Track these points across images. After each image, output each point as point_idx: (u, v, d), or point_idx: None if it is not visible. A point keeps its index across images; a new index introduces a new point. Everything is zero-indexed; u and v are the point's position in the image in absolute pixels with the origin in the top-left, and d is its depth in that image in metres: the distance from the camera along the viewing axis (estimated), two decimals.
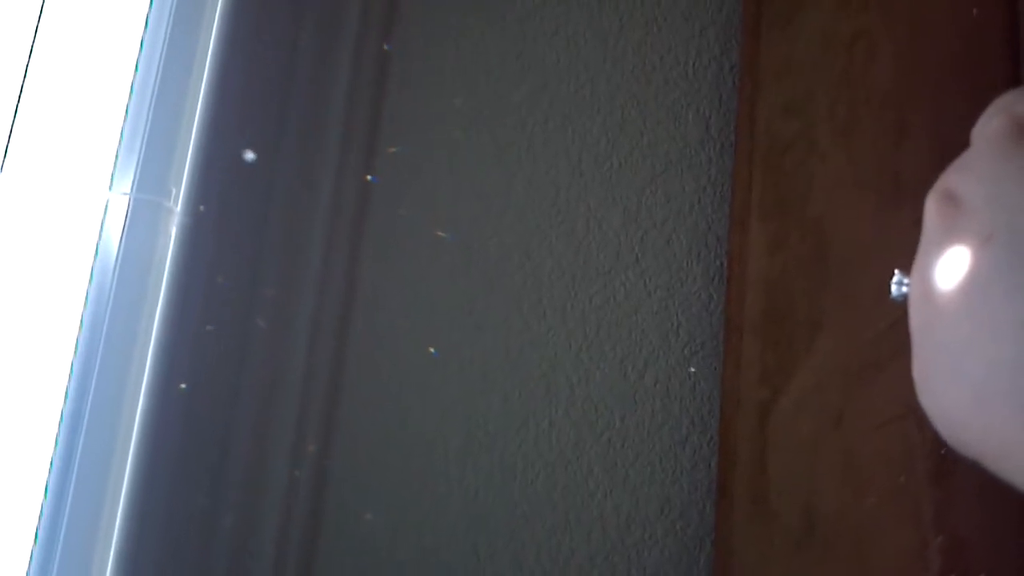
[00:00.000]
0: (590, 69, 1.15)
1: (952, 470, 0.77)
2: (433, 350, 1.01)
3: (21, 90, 0.98)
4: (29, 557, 0.86)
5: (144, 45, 1.00)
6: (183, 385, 0.91)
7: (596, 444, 1.05)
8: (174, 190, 0.96)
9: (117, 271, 0.93)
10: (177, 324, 0.92)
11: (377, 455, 0.98)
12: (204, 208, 0.94)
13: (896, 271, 0.38)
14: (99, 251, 0.94)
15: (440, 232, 1.05)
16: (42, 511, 0.87)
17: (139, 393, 0.90)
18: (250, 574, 0.91)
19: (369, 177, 1.03)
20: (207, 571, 0.89)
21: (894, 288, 0.38)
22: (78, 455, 0.88)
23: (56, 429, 0.89)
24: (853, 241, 0.94)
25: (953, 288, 0.32)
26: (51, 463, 0.88)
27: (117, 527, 0.87)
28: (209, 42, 0.99)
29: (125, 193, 0.96)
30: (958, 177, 0.34)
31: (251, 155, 0.95)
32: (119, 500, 0.88)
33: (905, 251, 0.36)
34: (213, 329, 0.93)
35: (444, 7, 1.12)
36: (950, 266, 0.33)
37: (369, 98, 1.05)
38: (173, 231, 0.95)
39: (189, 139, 0.97)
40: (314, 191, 1.00)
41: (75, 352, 0.91)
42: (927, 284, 0.34)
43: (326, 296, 0.99)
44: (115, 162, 0.97)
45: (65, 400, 0.90)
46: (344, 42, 1.04)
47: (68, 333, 0.92)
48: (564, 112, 1.13)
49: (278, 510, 0.92)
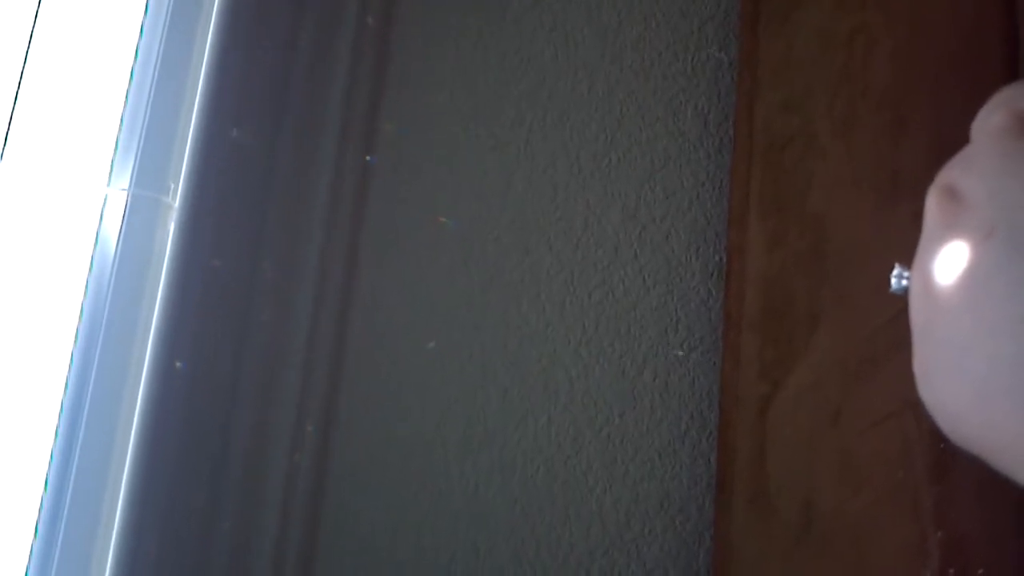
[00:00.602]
0: (588, 65, 1.15)
1: (951, 466, 0.77)
2: (432, 344, 1.01)
3: (19, 85, 0.98)
4: (29, 551, 0.86)
5: (142, 40, 1.00)
6: (182, 380, 0.91)
7: (595, 439, 1.05)
8: (172, 186, 0.96)
9: (115, 267, 0.93)
10: (175, 319, 0.92)
11: (376, 450, 0.98)
12: (202, 204, 0.94)
13: (896, 264, 0.38)
14: (97, 247, 0.94)
15: (438, 229, 1.05)
16: (42, 504, 0.87)
17: (138, 388, 0.90)
18: (250, 569, 0.91)
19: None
20: (206, 567, 0.89)
21: (894, 281, 0.38)
22: (78, 449, 0.88)
23: (55, 424, 0.89)
24: (852, 237, 0.94)
25: (954, 283, 0.32)
26: (51, 457, 0.88)
27: (117, 521, 0.87)
28: (207, 37, 0.99)
29: (123, 189, 0.96)
30: (959, 172, 0.34)
31: (247, 140, 0.95)
32: (119, 493, 0.88)
33: (904, 247, 0.36)
34: (211, 324, 0.93)
35: (443, 3, 1.12)
36: (951, 261, 0.33)
37: (367, 94, 1.05)
38: (171, 227, 0.95)
39: (187, 135, 0.97)
40: (312, 187, 1.00)
41: (74, 347, 0.91)
42: (928, 279, 0.34)
43: (325, 293, 0.99)
44: (113, 158, 0.97)
45: (64, 395, 0.90)
46: (343, 39, 1.04)
47: (67, 328, 0.92)
48: (562, 108, 1.13)
49: (277, 507, 0.93)
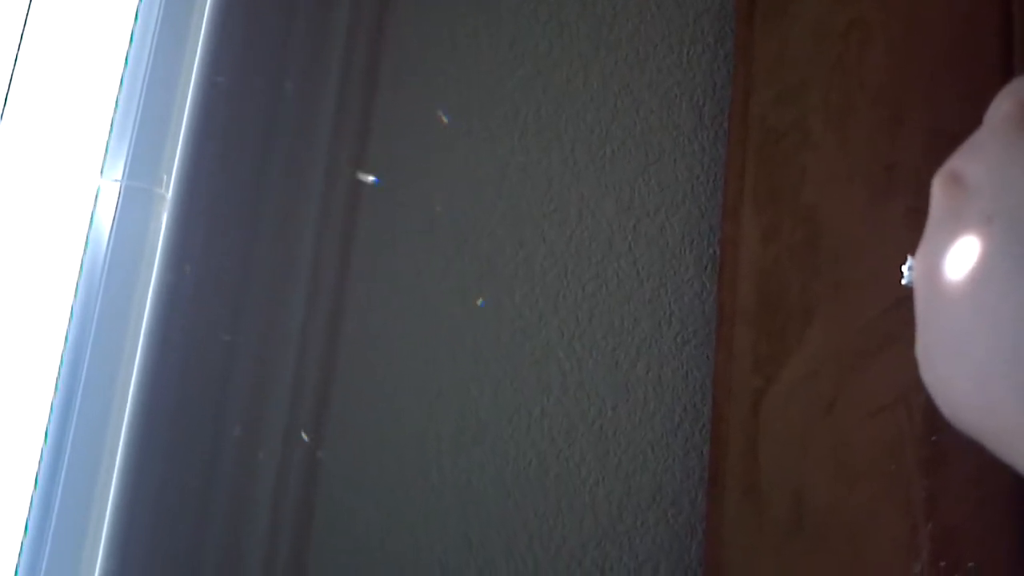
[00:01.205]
0: (583, 57, 1.15)
1: (942, 459, 0.77)
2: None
3: (12, 76, 0.97)
4: (19, 548, 0.86)
5: (135, 31, 0.99)
6: (174, 371, 0.91)
7: (588, 432, 1.05)
8: (165, 177, 0.96)
9: (108, 258, 0.93)
10: (168, 311, 0.91)
11: (368, 443, 0.98)
12: (195, 195, 0.94)
13: (909, 257, 0.38)
14: (90, 238, 0.94)
15: (432, 220, 1.05)
16: (32, 499, 0.87)
17: (130, 380, 0.90)
18: (242, 564, 0.91)
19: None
20: (198, 560, 0.89)
21: (906, 273, 0.38)
22: (69, 440, 0.88)
23: (46, 417, 0.89)
24: (846, 231, 0.94)
25: (955, 269, 0.32)
26: (41, 452, 0.88)
27: (107, 517, 0.87)
28: (201, 28, 0.99)
29: (116, 180, 0.96)
30: (965, 159, 0.34)
31: (240, 132, 0.95)
32: (109, 487, 0.87)
33: (898, 241, 0.36)
34: (204, 316, 0.93)
35: None
36: (952, 247, 0.33)
37: (362, 85, 1.05)
38: (164, 218, 0.94)
39: (180, 126, 0.97)
40: (306, 178, 1.00)
41: (66, 338, 0.91)
42: (930, 265, 0.34)
43: (318, 285, 0.99)
44: (106, 149, 0.97)
45: (55, 389, 0.90)
46: (337, 30, 1.04)
47: (59, 320, 0.92)
48: (557, 100, 1.13)
49: (269, 500, 0.92)
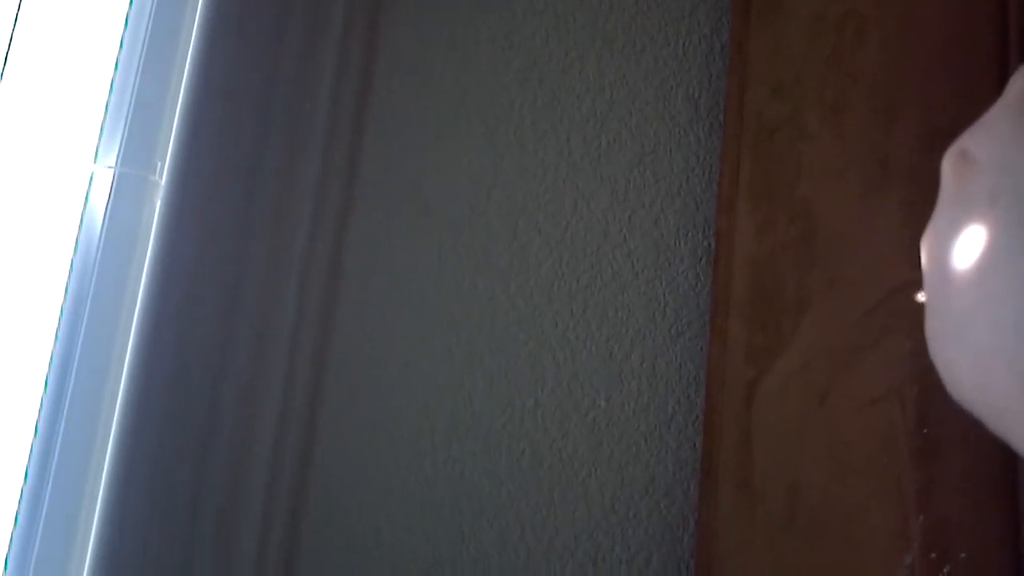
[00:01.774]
0: (579, 48, 1.14)
1: (934, 451, 0.77)
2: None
3: (5, 62, 0.97)
4: (9, 540, 0.86)
5: (130, 17, 0.99)
6: (167, 359, 0.90)
7: (581, 423, 1.05)
8: (159, 164, 0.96)
9: (101, 245, 0.93)
10: (161, 297, 0.91)
11: (362, 434, 0.98)
12: (189, 182, 0.94)
13: None
14: (83, 224, 0.94)
15: (426, 212, 1.05)
16: (24, 486, 0.87)
17: (123, 367, 0.90)
18: (234, 556, 0.91)
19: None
20: (191, 548, 0.88)
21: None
22: (61, 426, 0.88)
23: (39, 402, 0.89)
24: (840, 223, 0.94)
25: (960, 249, 0.32)
26: (34, 436, 0.88)
27: (99, 504, 0.86)
28: (196, 14, 0.98)
29: (110, 167, 0.95)
30: (975, 137, 0.34)
31: (234, 119, 0.94)
32: (102, 473, 0.87)
33: (891, 235, 0.36)
34: (197, 303, 0.92)
35: None
36: (957, 227, 0.33)
37: (357, 75, 1.04)
38: (157, 205, 0.94)
39: (174, 113, 0.96)
40: (300, 167, 0.99)
41: (59, 325, 0.91)
42: (937, 244, 0.34)
43: (312, 275, 0.98)
44: (100, 135, 0.96)
45: (48, 374, 0.90)
46: (332, 21, 1.03)
47: (52, 306, 0.91)
48: (552, 91, 1.12)
49: (262, 491, 0.92)
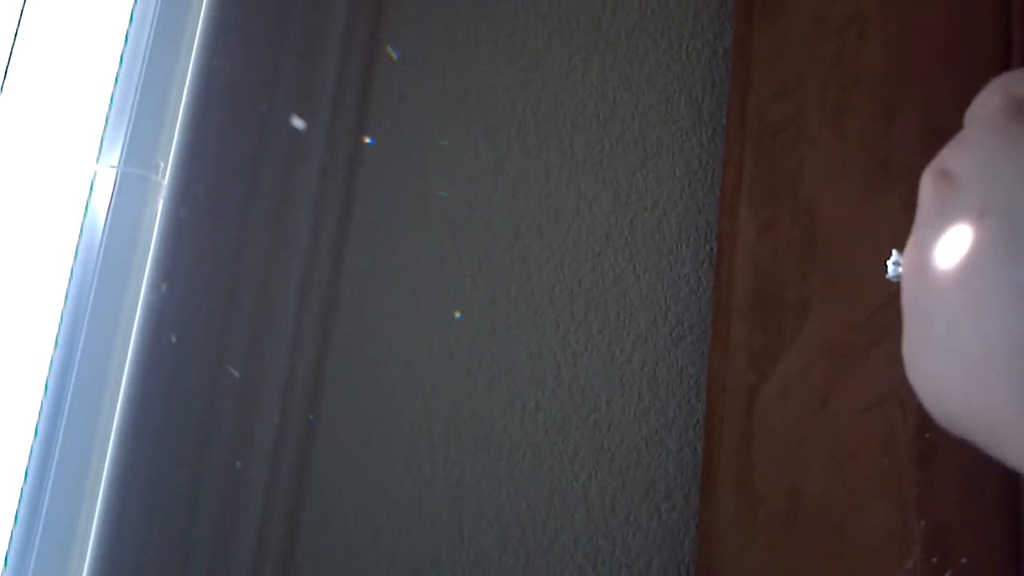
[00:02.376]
0: (583, 51, 1.15)
1: (935, 454, 0.77)
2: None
3: (9, 62, 0.97)
4: (9, 538, 0.86)
5: (133, 16, 0.99)
6: (168, 358, 0.90)
7: (582, 426, 1.05)
8: (161, 164, 0.96)
9: (103, 244, 0.93)
10: (162, 297, 0.91)
11: (361, 435, 0.98)
12: (191, 182, 0.94)
13: (894, 251, 0.38)
14: (86, 224, 0.94)
15: (428, 212, 1.05)
16: (24, 483, 0.87)
17: (124, 366, 0.90)
18: (232, 557, 0.90)
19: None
20: (189, 544, 0.88)
21: (890, 268, 0.38)
22: (62, 426, 0.88)
23: (40, 402, 0.89)
24: (842, 225, 0.94)
25: (946, 262, 0.33)
26: (34, 436, 0.88)
27: (99, 503, 0.86)
28: (199, 14, 0.98)
29: (113, 166, 0.95)
30: (954, 155, 0.35)
31: (236, 118, 0.95)
32: (102, 472, 0.87)
33: (894, 236, 0.36)
34: (198, 302, 0.93)
35: None
36: (944, 241, 0.33)
37: (359, 75, 1.04)
38: (160, 204, 0.94)
39: (177, 113, 0.96)
40: (302, 167, 0.99)
41: (61, 324, 0.91)
42: (920, 259, 0.34)
43: (312, 275, 0.98)
44: (103, 135, 0.97)
45: (49, 375, 0.90)
46: (335, 20, 1.03)
47: (54, 305, 0.91)
48: (556, 94, 1.12)
49: (262, 490, 0.92)
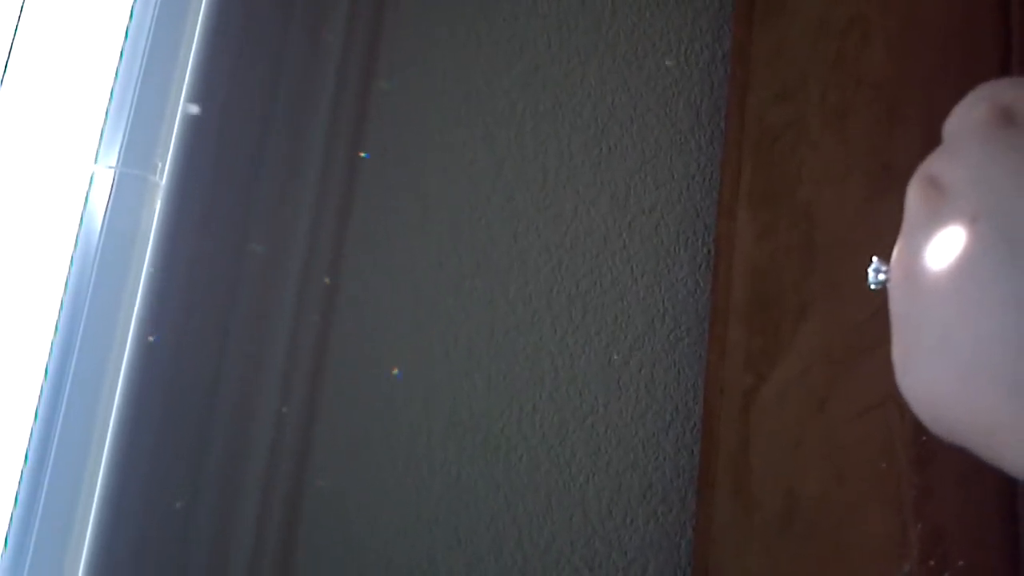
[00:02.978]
0: (581, 53, 1.14)
1: (933, 458, 0.77)
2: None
3: (7, 62, 0.97)
4: (4, 538, 0.86)
5: (132, 17, 0.99)
6: (164, 358, 0.90)
7: (579, 429, 1.04)
8: (159, 164, 0.96)
9: (101, 244, 0.93)
10: (160, 298, 0.91)
11: (358, 437, 0.98)
12: (189, 182, 0.94)
13: (874, 258, 0.38)
14: (83, 224, 0.94)
15: (427, 214, 1.05)
16: (19, 484, 0.87)
17: (120, 366, 0.90)
18: (230, 558, 0.90)
19: (363, 154, 1.03)
20: (187, 544, 0.88)
21: (872, 275, 0.38)
22: (59, 424, 0.88)
23: (37, 401, 0.89)
24: (841, 229, 0.94)
25: (938, 269, 0.33)
26: (31, 434, 0.88)
27: (95, 504, 0.86)
28: (198, 15, 0.98)
29: (110, 167, 0.95)
30: (942, 163, 0.35)
31: (235, 120, 0.94)
32: (98, 473, 0.87)
33: (893, 240, 0.36)
34: (196, 303, 0.92)
35: None
36: (935, 248, 0.33)
37: (358, 78, 1.04)
38: (157, 205, 0.94)
39: (175, 113, 0.96)
40: (300, 170, 0.99)
41: (58, 324, 0.91)
42: (910, 267, 0.34)
43: (311, 276, 0.98)
44: (101, 135, 0.96)
45: (45, 375, 0.89)
46: (335, 23, 1.03)
47: (51, 305, 0.91)
48: (554, 96, 1.12)
49: (259, 491, 0.92)
